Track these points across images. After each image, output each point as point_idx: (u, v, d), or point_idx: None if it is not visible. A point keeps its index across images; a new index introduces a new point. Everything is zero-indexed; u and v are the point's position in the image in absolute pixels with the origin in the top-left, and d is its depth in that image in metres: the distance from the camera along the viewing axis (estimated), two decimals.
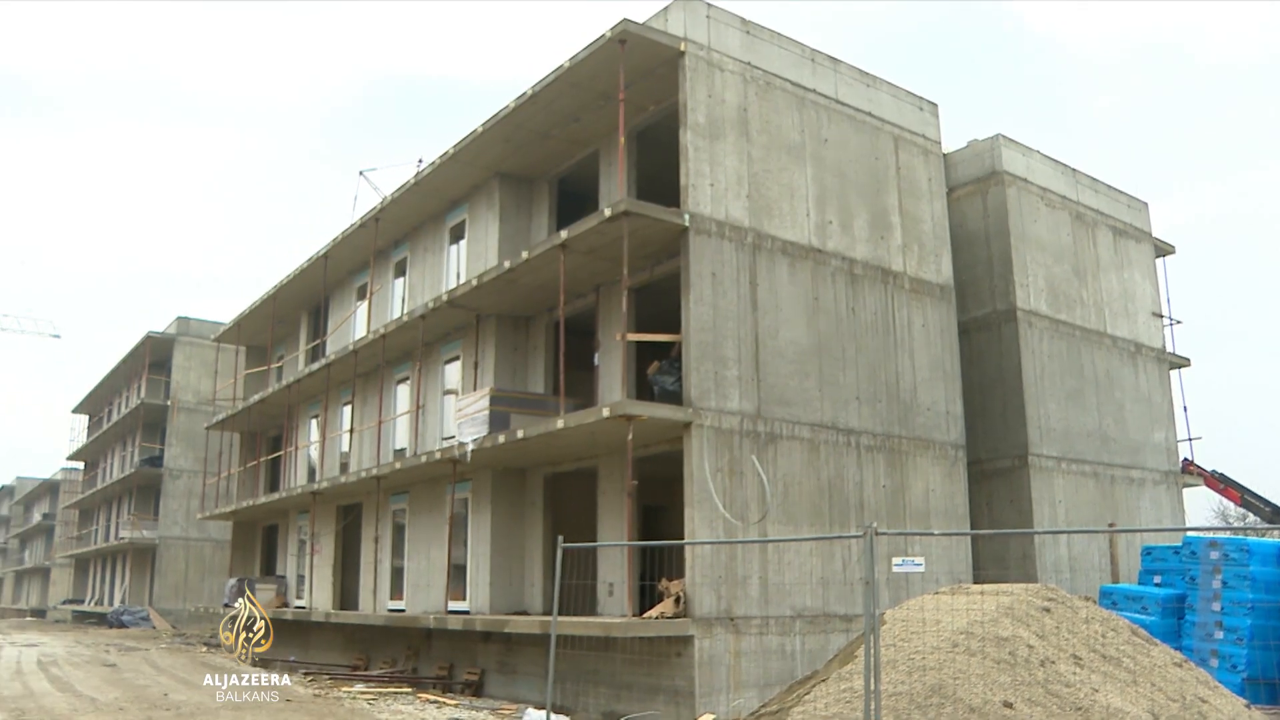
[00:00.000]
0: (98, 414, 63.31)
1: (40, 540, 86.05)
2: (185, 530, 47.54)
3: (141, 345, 49.76)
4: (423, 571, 22.77)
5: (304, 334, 32.72)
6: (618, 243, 16.25)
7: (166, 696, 16.90)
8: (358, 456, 26.59)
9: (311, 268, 29.20)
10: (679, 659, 15.06)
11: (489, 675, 19.25)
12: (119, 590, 53.32)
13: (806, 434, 17.22)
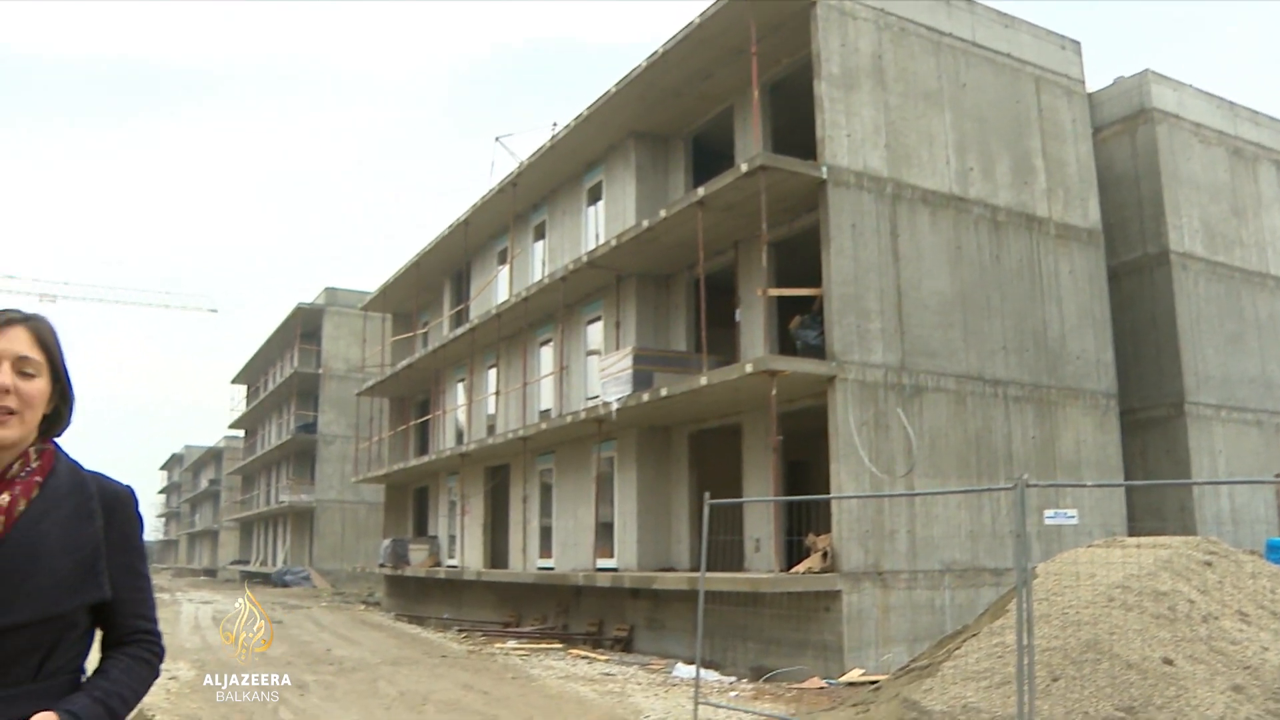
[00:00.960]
0: (255, 384, 65.68)
1: (208, 504, 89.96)
2: (340, 493, 49.10)
3: (293, 317, 51.40)
4: (570, 530, 23.14)
5: (447, 300, 33.35)
6: (755, 198, 16.16)
7: (329, 652, 17.57)
8: (504, 418, 27.07)
9: (452, 234, 29.73)
10: (827, 614, 15.06)
11: (638, 631, 19.52)
12: (281, 551, 55.48)
13: (952, 385, 16.95)
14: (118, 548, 2.20)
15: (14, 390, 2.11)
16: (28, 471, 2.15)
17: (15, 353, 2.13)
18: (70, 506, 2.15)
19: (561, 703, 12.38)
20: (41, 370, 2.17)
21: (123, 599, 2.20)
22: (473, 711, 11.54)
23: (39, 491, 2.14)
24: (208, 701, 11.80)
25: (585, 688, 13.60)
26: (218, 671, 14.32)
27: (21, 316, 2.20)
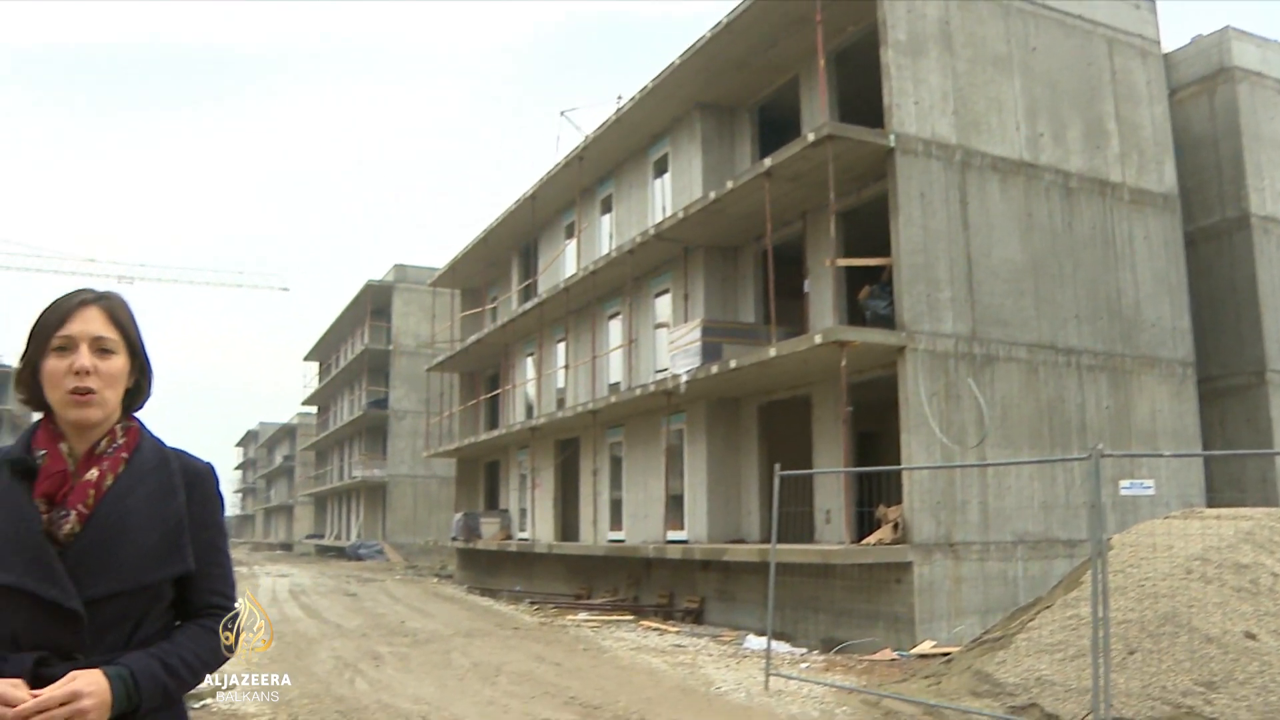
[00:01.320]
0: (326, 361, 66.57)
1: (283, 480, 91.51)
2: (412, 468, 49.65)
3: (363, 293, 51.96)
4: (641, 503, 23.22)
5: (516, 274, 33.50)
6: (822, 167, 16.03)
7: (403, 624, 17.82)
8: (573, 392, 27.19)
9: (519, 209, 29.83)
10: (898, 585, 14.98)
11: (709, 603, 19.56)
12: (355, 525, 56.32)
13: (1024, 355, 16.72)
14: (199, 524, 2.25)
15: (94, 371, 2.16)
16: (114, 448, 2.20)
17: (91, 334, 2.18)
18: (154, 482, 2.20)
19: (633, 674, 12.46)
20: (119, 348, 2.21)
21: (202, 574, 2.25)
22: (545, 683, 11.65)
23: (125, 467, 2.19)
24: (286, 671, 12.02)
25: (656, 659, 13.68)
26: (294, 644, 14.63)
27: (94, 296, 2.24)
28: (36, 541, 2.07)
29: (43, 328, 2.19)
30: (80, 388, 2.15)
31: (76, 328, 2.17)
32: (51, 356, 2.17)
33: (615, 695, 10.82)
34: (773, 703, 10.52)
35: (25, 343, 2.22)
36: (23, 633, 2.05)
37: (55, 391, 2.17)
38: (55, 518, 2.11)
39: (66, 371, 2.15)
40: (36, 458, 2.16)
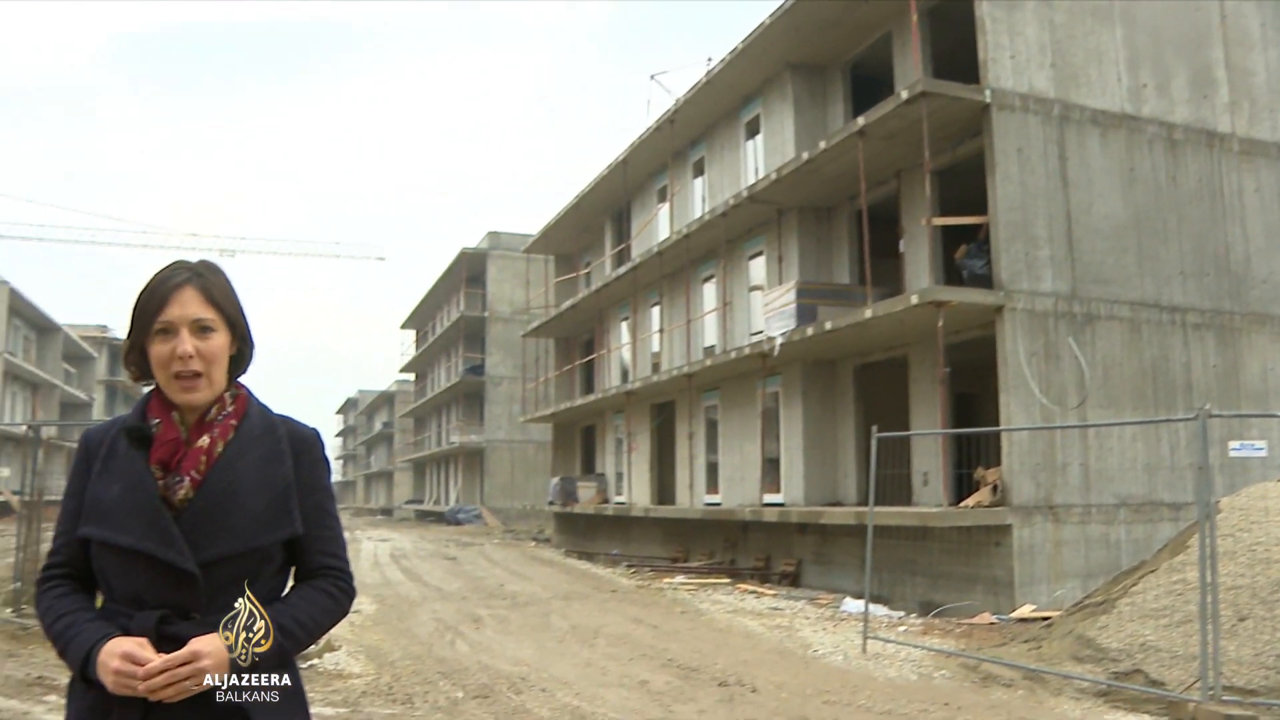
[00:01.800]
0: (423, 328, 67.44)
1: (383, 446, 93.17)
2: (509, 433, 50.16)
3: (458, 261, 52.47)
4: (737, 466, 23.22)
5: (609, 239, 33.56)
6: (917, 125, 15.76)
7: (502, 587, 18.08)
8: (668, 356, 27.22)
9: (611, 174, 29.84)
10: (997, 548, 14.80)
11: (805, 566, 19.53)
12: (453, 490, 57.16)
13: (1126, 313, 16.31)
14: (307, 488, 2.31)
15: (196, 354, 2.21)
16: (223, 415, 2.27)
17: (190, 316, 2.22)
18: (263, 448, 2.27)
19: (730, 636, 12.51)
20: (218, 324, 2.26)
21: (313, 536, 2.31)
22: (643, 644, 11.75)
23: (234, 434, 2.26)
24: (389, 634, 12.30)
25: (753, 622, 13.70)
26: (396, 606, 14.93)
27: (187, 275, 2.27)
28: (154, 507, 2.15)
29: (143, 312, 2.24)
30: (184, 372, 2.21)
31: (175, 312, 2.22)
32: (155, 341, 2.23)
33: (713, 657, 10.88)
34: (870, 666, 10.49)
35: (129, 324, 2.28)
36: (145, 592, 2.14)
37: (161, 374, 2.23)
38: (170, 484, 2.18)
39: (170, 357, 2.21)
40: (151, 426, 2.24)
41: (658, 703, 8.63)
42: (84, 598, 2.26)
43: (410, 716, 8.02)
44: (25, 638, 11.17)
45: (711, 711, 8.32)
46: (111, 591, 2.20)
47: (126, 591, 2.16)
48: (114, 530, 2.15)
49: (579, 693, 8.99)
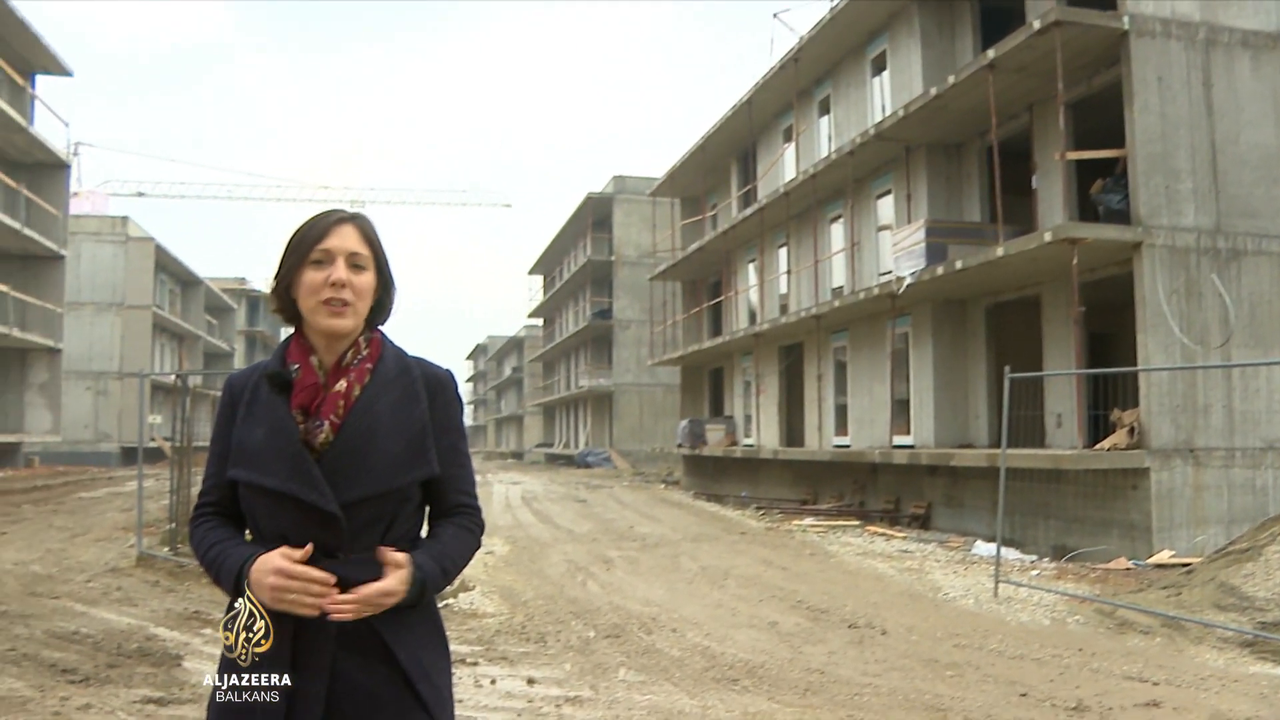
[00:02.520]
0: (550, 273, 68.03)
1: (512, 391, 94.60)
2: (637, 377, 50.48)
3: (584, 206, 52.72)
4: (866, 408, 23.06)
5: (734, 181, 33.36)
6: (1050, 56, 15.28)
7: (632, 529, 18.30)
8: (796, 297, 27.06)
9: (736, 115, 29.60)
10: (1134, 492, 14.46)
11: (935, 508, 19.36)
12: (582, 434, 57.84)
13: (1275, 248, 15.64)
14: (442, 428, 2.37)
15: (348, 284, 2.29)
16: (360, 359, 2.34)
17: (347, 249, 2.31)
18: (399, 390, 2.34)
19: (859, 579, 12.50)
20: (369, 264, 2.34)
21: (448, 475, 2.38)
22: (772, 586, 11.81)
23: (371, 378, 2.33)
24: (520, 574, 12.58)
25: (883, 564, 13.66)
26: (528, 548, 15.25)
27: (349, 215, 2.38)
28: (296, 450, 2.23)
29: (301, 242, 2.33)
30: (335, 299, 2.29)
31: (334, 242, 2.31)
32: (309, 269, 2.31)
33: (842, 599, 10.90)
34: (1002, 610, 10.40)
35: (282, 257, 2.36)
36: (290, 531, 2.23)
37: (310, 300, 2.31)
38: (310, 427, 2.27)
39: (323, 283, 2.29)
40: (291, 371, 2.32)
41: (787, 644, 8.70)
42: (234, 530, 2.37)
43: (543, 655, 8.22)
44: (182, 574, 11.73)
45: (841, 653, 8.36)
46: (259, 530, 2.31)
47: (273, 531, 2.26)
48: (260, 473, 2.25)
49: (709, 633, 9.11)
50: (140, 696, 6.64)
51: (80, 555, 13.54)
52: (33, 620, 9.07)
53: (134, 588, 11.02)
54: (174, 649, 8.05)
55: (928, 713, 6.56)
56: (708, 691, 7.10)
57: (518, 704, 6.70)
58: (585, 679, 7.42)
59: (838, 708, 6.69)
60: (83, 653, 7.83)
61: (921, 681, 7.39)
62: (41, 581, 11.33)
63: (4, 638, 8.29)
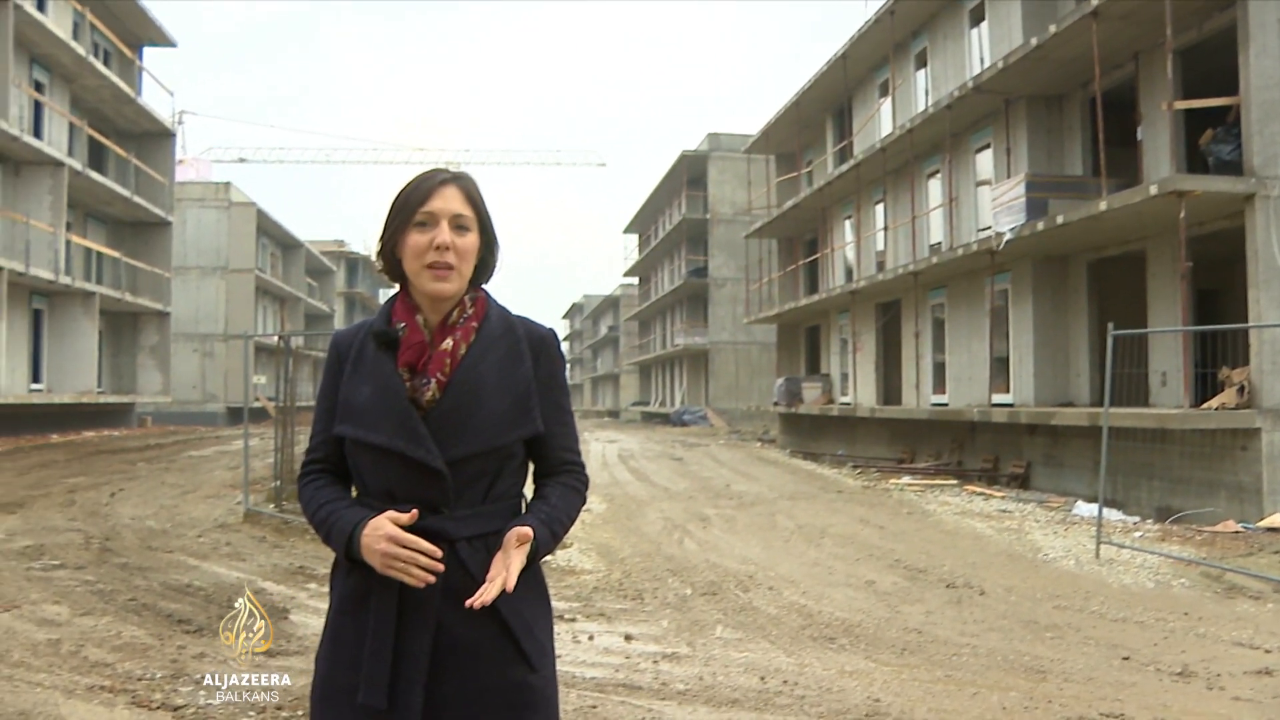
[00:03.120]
0: (645, 232, 68.08)
1: (608, 350, 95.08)
2: (733, 335, 50.42)
3: (678, 164, 52.61)
4: (964, 365, 22.77)
5: (830, 137, 32.98)
6: (1157, 1, 14.81)
7: (728, 487, 18.34)
8: (893, 254, 26.75)
9: (830, 70, 29.23)
10: (1243, 453, 14.09)
11: (1035, 468, 19.08)
12: (678, 392, 58.01)
13: None
14: (545, 386, 2.40)
15: (452, 246, 2.32)
16: (465, 318, 2.38)
17: (451, 211, 2.33)
18: (503, 349, 2.37)
19: (957, 538, 12.41)
20: (472, 225, 2.37)
21: (552, 433, 2.41)
22: (869, 545, 11.78)
23: (476, 336, 2.37)
24: (618, 532, 12.70)
25: (981, 524, 13.54)
26: (625, 506, 15.37)
27: (451, 176, 2.40)
28: (403, 407, 2.28)
29: (405, 204, 2.36)
30: (439, 262, 2.32)
31: (438, 205, 2.33)
32: (413, 231, 2.34)
33: (940, 559, 10.84)
34: (1104, 571, 10.25)
35: (387, 219, 2.40)
36: (396, 488, 2.29)
37: (415, 263, 2.34)
38: (417, 385, 2.31)
39: (428, 246, 2.32)
40: (397, 330, 2.36)
41: (885, 603, 8.68)
42: (341, 488, 2.42)
43: (640, 612, 8.31)
44: (287, 530, 12.06)
45: (939, 613, 8.32)
46: (365, 486, 2.36)
47: (379, 487, 2.32)
48: (367, 429, 2.29)
49: (805, 591, 9.13)
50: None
51: (191, 511, 13.99)
52: (150, 573, 9.42)
53: (242, 543, 11.36)
54: (281, 602, 8.30)
55: (1027, 674, 6.52)
56: (804, 649, 7.13)
57: (615, 660, 6.79)
58: (682, 636, 7.49)
59: (935, 667, 6.68)
60: (196, 604, 8.11)
61: (1020, 643, 7.34)
62: (156, 536, 11.74)
63: (125, 588, 8.65)
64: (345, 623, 2.32)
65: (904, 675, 6.46)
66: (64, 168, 29.49)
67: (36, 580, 8.97)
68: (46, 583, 8.86)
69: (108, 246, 35.48)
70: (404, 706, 2.23)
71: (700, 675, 6.41)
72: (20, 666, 6.32)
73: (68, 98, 32.47)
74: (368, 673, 2.24)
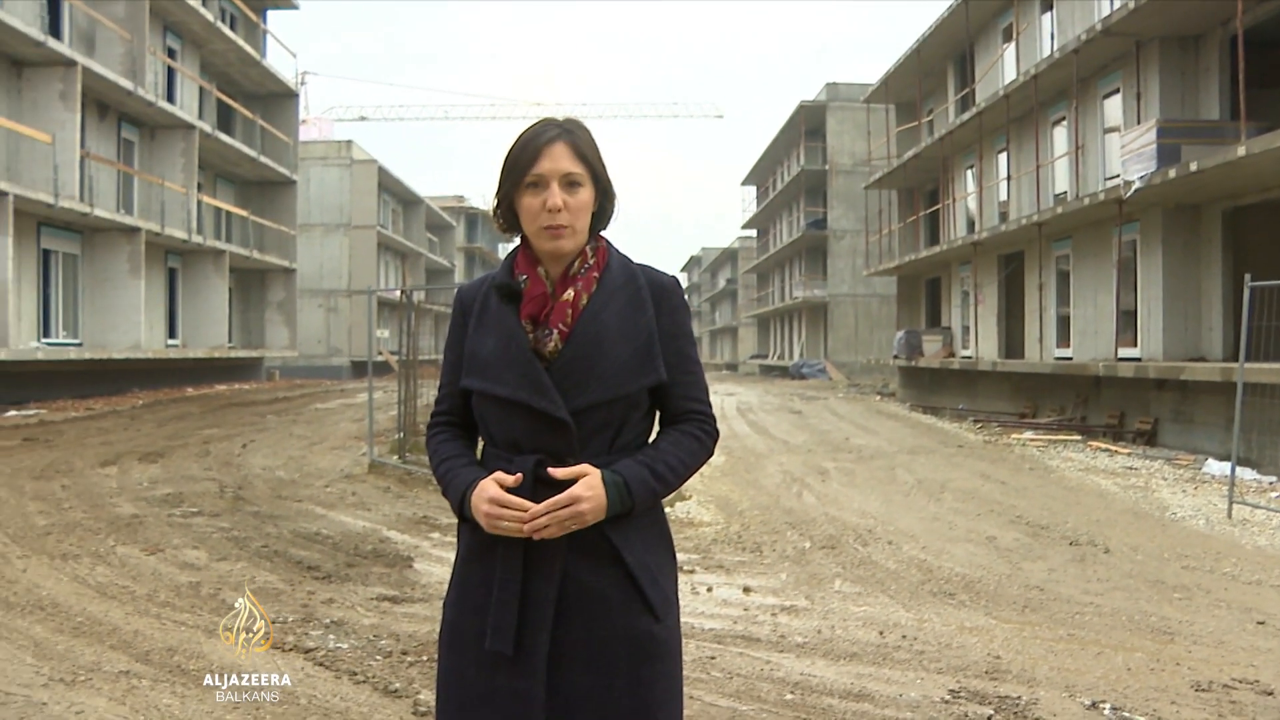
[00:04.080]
0: (764, 184, 67.59)
1: (727, 303, 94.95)
2: (852, 287, 49.93)
3: (796, 115, 52.05)
4: (1089, 318, 22.21)
5: (951, 85, 32.27)
6: None
7: (848, 440, 18.22)
8: (1016, 204, 26.14)
9: (952, 16, 28.56)
10: None
11: (1162, 424, 18.56)
12: (796, 345, 57.72)
13: None
14: (669, 334, 2.40)
15: (564, 206, 2.33)
16: (586, 268, 2.39)
17: (560, 170, 2.34)
18: (625, 298, 2.38)
19: (1081, 495, 12.17)
20: (584, 180, 2.36)
21: (675, 382, 2.41)
22: (990, 500, 11.63)
23: (598, 286, 2.38)
24: (737, 485, 12.73)
25: (1106, 481, 13.26)
26: (744, 459, 15.37)
27: (558, 131, 2.39)
28: (527, 359, 2.31)
29: (514, 166, 2.38)
30: (553, 225, 2.33)
31: (546, 166, 2.33)
32: (525, 193, 2.36)
33: (1063, 516, 10.65)
34: (1236, 532, 9.96)
35: (500, 178, 2.42)
36: (522, 438, 2.33)
37: (531, 225, 2.37)
38: (540, 336, 2.34)
39: (540, 209, 2.33)
40: (519, 282, 2.39)
41: (1005, 559, 8.57)
42: (464, 443, 2.48)
43: (759, 564, 8.34)
44: (410, 481, 12.35)
45: (1061, 570, 8.18)
46: (492, 437, 2.41)
47: (505, 438, 2.36)
48: (492, 381, 2.33)
49: (925, 546, 9.05)
50: (376, 594, 7.07)
51: (318, 462, 14.40)
52: (280, 521, 9.75)
53: (367, 493, 11.67)
54: (405, 551, 8.52)
55: (1153, 635, 6.38)
56: (924, 604, 7.08)
57: (734, 611, 6.83)
58: (801, 589, 7.50)
59: (1057, 626, 6.58)
60: (324, 552, 8.37)
61: (1146, 603, 7.18)
62: (286, 486, 12.12)
63: (258, 535, 8.97)
64: (473, 571, 2.37)
65: (1025, 633, 6.38)
66: (195, 130, 30.39)
67: (177, 526, 9.36)
68: (186, 528, 9.24)
69: (236, 206, 36.50)
70: (530, 652, 2.28)
71: (818, 628, 6.42)
72: (166, 606, 6.65)
73: (197, 62, 33.40)
74: (495, 619, 2.29)
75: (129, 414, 21.41)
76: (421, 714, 4.84)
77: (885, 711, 4.98)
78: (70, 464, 13.38)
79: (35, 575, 7.36)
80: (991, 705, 5.05)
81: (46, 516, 9.68)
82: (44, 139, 22.73)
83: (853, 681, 5.41)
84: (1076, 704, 5.09)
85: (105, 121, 27.65)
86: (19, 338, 22.44)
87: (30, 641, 5.84)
